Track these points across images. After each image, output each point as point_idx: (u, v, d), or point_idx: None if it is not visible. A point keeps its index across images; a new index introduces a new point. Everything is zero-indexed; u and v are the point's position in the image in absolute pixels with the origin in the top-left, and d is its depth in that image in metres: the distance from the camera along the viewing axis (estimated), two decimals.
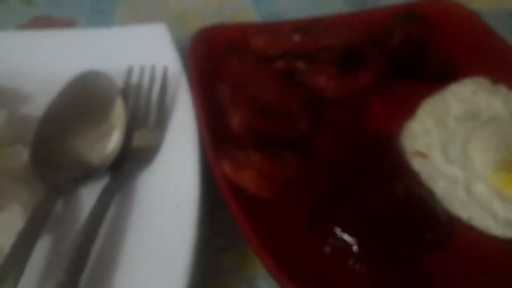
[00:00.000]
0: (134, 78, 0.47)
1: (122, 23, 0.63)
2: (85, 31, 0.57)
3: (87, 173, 0.39)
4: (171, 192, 0.37)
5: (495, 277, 0.35)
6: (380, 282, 0.34)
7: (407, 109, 0.47)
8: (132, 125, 0.43)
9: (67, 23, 0.63)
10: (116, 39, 0.50)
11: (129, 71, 0.47)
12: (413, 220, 0.37)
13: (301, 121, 0.44)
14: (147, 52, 0.49)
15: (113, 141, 0.41)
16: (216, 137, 0.41)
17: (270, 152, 0.38)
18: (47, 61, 0.48)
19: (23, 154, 0.39)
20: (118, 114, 0.43)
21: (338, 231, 0.35)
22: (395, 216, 0.36)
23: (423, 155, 0.42)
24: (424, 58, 0.53)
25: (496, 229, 0.37)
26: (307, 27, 0.53)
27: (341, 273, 0.35)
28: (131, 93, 0.46)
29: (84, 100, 0.44)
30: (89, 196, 0.38)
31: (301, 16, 0.56)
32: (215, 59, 0.49)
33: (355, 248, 0.35)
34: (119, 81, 0.46)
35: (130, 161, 0.40)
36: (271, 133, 0.41)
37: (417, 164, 0.42)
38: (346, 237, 0.35)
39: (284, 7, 0.66)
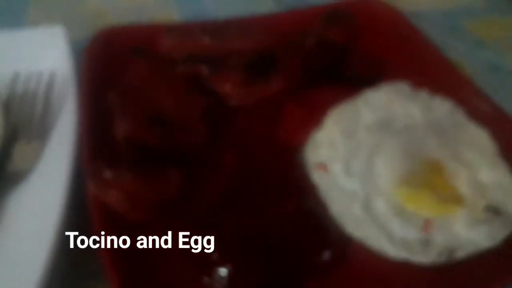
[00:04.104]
0: (20, 85, 0.43)
1: (35, 24, 0.59)
2: None
3: None
4: (35, 212, 0.34)
5: None
6: None
7: (320, 118, 0.44)
8: (14, 137, 0.40)
9: None
10: (6, 43, 0.46)
11: (15, 78, 0.43)
12: (301, 241, 0.33)
13: (199, 133, 0.41)
14: (40, 56, 0.45)
15: None
16: (102, 151, 0.37)
17: (149, 170, 0.35)
18: None
19: None
20: None
21: (215, 257, 0.32)
22: (281, 237, 0.33)
23: (323, 167, 0.39)
24: (344, 61, 0.50)
25: (389, 249, 0.34)
26: (218, 28, 0.49)
27: None
28: (16, 102, 0.42)
29: None
30: None
31: (227, 16, 0.53)
32: (113, 63, 0.45)
33: (234, 275, 0.32)
34: (4, 89, 0.42)
35: (3, 179, 0.37)
36: (158, 147, 0.38)
37: (316, 177, 0.39)
38: (225, 263, 0.32)
39: (209, 7, 0.62)
